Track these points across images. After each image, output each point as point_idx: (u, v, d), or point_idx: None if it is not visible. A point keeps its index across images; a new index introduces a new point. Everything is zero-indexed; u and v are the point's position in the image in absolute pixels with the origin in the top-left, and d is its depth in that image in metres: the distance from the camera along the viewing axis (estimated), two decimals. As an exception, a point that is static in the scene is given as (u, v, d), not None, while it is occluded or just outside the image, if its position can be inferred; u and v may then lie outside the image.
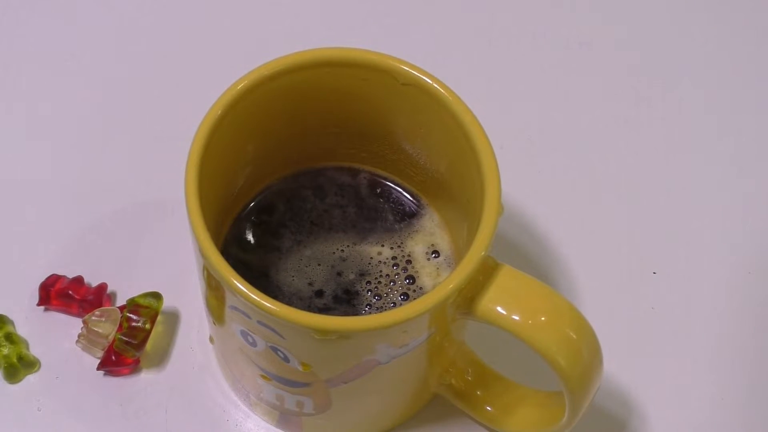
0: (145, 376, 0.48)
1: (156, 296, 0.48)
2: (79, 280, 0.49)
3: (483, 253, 0.39)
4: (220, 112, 0.41)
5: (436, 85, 0.42)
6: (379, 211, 0.47)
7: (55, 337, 0.49)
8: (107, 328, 0.48)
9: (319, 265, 0.46)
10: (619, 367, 0.48)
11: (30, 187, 0.53)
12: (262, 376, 0.43)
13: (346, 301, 0.45)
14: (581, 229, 0.53)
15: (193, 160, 0.40)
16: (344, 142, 0.47)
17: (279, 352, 0.40)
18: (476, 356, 0.46)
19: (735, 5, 0.61)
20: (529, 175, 0.55)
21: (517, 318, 0.39)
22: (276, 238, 0.46)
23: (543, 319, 0.39)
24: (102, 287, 0.49)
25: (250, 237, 0.46)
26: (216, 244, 0.39)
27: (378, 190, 0.48)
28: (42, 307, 0.50)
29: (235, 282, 0.38)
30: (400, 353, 0.40)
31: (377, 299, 0.45)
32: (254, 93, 0.42)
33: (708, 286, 0.52)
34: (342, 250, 0.46)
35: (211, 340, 0.48)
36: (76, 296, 0.49)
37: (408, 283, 0.45)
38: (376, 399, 0.45)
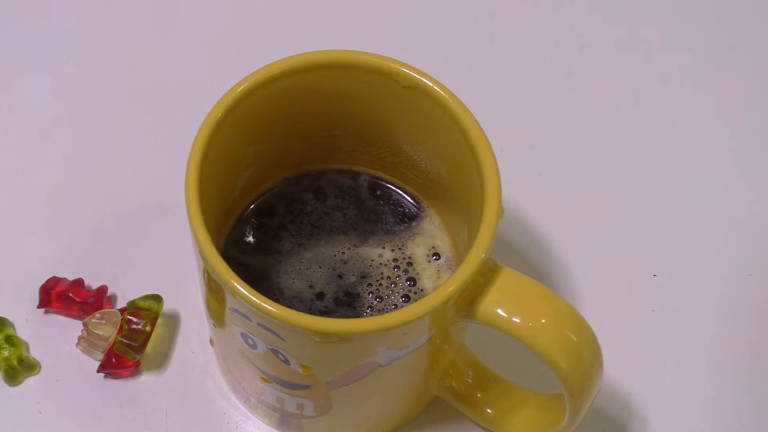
0: (146, 379, 0.48)
1: (156, 299, 0.48)
2: (79, 283, 0.49)
3: (483, 256, 0.39)
4: (220, 114, 0.41)
5: (436, 88, 0.42)
6: (379, 213, 0.47)
7: (55, 339, 0.49)
8: (108, 331, 0.48)
9: (319, 267, 0.46)
10: (620, 370, 0.48)
11: (30, 189, 0.53)
12: (263, 379, 0.43)
13: (347, 303, 0.45)
14: (582, 232, 0.53)
15: (194, 163, 0.40)
16: (344, 144, 0.47)
17: (279, 355, 0.40)
18: (477, 358, 0.46)
19: (736, 5, 0.61)
20: (530, 177, 0.54)
21: (517, 320, 0.39)
22: (276, 240, 0.46)
23: (543, 321, 0.39)
24: (102, 290, 0.49)
25: (250, 239, 0.46)
26: (216, 246, 0.39)
27: (378, 193, 0.48)
28: (42, 310, 0.50)
29: (236, 284, 0.38)
30: (400, 355, 0.40)
31: (378, 301, 0.45)
32: (254, 95, 0.42)
33: (708, 288, 0.52)
34: (343, 253, 0.46)
35: (212, 342, 0.48)
36: (77, 299, 0.49)
37: (409, 285, 0.45)
38: (377, 401, 0.45)
